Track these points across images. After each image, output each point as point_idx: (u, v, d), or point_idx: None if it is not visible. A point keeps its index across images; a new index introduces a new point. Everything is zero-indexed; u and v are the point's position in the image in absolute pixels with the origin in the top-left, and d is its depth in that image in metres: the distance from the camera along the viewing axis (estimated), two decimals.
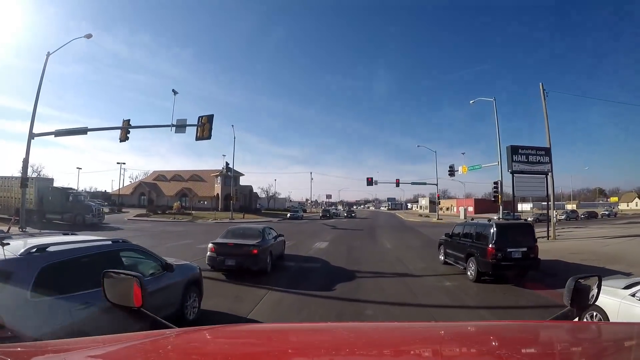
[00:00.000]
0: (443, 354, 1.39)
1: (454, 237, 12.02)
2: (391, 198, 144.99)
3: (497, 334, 1.71)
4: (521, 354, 1.30)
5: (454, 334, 1.69)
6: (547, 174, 22.00)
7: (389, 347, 1.43)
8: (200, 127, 18.54)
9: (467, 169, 32.55)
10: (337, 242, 19.16)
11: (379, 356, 1.37)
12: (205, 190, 66.92)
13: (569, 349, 1.49)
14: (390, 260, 13.49)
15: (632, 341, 1.45)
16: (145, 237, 21.34)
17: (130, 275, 1.83)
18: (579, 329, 1.86)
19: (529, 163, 21.37)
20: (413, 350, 1.46)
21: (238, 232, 11.21)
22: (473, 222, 11.41)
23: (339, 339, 1.57)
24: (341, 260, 13.19)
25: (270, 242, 11.22)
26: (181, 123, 18.96)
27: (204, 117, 18.64)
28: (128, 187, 74.25)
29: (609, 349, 1.43)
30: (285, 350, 1.44)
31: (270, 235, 11.55)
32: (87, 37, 23.22)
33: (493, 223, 10.24)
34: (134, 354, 1.29)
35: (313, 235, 23.68)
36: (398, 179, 53.88)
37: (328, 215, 56.73)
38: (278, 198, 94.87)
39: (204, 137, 18.40)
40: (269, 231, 11.73)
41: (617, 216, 61.63)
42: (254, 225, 12.10)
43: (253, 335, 1.73)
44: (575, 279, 1.77)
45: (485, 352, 1.40)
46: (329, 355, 1.36)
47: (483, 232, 10.42)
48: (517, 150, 21.18)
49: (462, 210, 58.74)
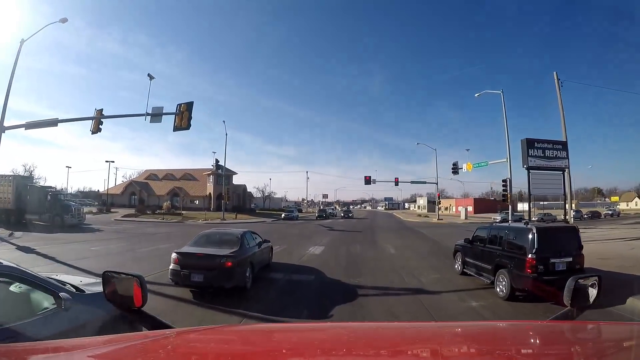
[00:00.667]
0: (443, 354, 1.39)
1: (476, 243, 9.94)
2: (388, 198, 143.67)
3: (497, 334, 1.75)
4: (521, 354, 1.34)
5: (454, 334, 1.71)
6: (564, 170, 20.04)
7: (389, 347, 1.43)
8: (178, 116, 16.34)
9: (472, 166, 30.53)
10: (334, 247, 16.99)
11: (379, 356, 1.36)
12: (197, 189, 64.83)
13: (569, 349, 1.49)
14: (397, 269, 11.36)
15: (632, 341, 1.37)
16: (122, 239, 19.42)
17: (130, 275, 1.80)
18: (579, 329, 1.80)
19: (545, 158, 19.38)
20: (413, 350, 1.43)
21: (212, 238, 9.03)
22: (503, 225, 9.26)
23: (339, 339, 1.59)
24: (339, 270, 11.07)
25: (252, 250, 9.08)
26: (157, 111, 16.73)
27: (182, 104, 16.45)
28: (118, 186, 72.25)
29: (609, 349, 1.42)
30: (285, 350, 1.43)
31: (252, 242, 9.40)
32: (62, 21, 20.92)
33: (532, 227, 8.13)
34: (134, 354, 1.28)
35: (307, 238, 21.49)
36: (397, 178, 51.87)
37: (324, 215, 54.00)
38: (274, 198, 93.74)
39: (182, 127, 16.20)
40: (250, 237, 9.58)
41: (620, 216, 60.60)
42: (233, 230, 9.88)
43: (253, 335, 1.73)
44: (575, 279, 1.78)
45: (485, 352, 1.40)
46: (329, 355, 1.36)
47: (517, 238, 8.34)
48: (533, 144, 19.16)
49: (462, 211, 56.71)
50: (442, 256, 14.02)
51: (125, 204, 59.63)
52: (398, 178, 51.85)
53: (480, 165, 29.42)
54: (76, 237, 19.59)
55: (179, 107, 16.45)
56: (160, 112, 16.73)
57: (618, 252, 14.45)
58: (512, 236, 8.56)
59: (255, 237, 10.00)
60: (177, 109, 16.38)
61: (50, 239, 17.98)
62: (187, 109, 16.21)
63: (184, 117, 16.13)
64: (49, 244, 15.75)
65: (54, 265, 10.89)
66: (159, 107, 16.84)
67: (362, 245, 17.81)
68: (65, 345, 1.49)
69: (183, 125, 16.13)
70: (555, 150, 19.78)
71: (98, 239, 19.77)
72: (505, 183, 25.58)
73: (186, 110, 16.21)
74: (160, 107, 16.85)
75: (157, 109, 16.82)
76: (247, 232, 9.57)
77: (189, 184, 67.41)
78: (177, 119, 16.36)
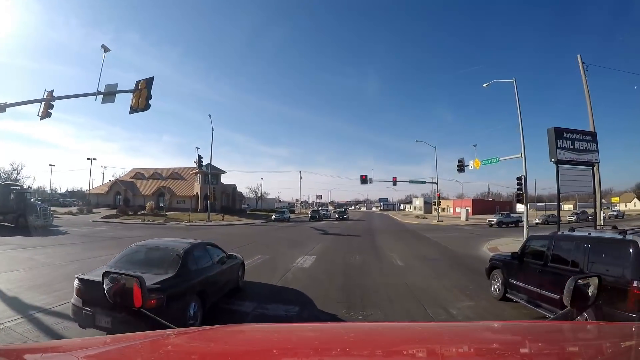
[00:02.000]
0: (443, 354, 1.37)
1: (528, 259, 7.02)
2: (383, 198, 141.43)
3: (497, 334, 1.75)
4: (521, 354, 1.30)
5: (454, 334, 1.69)
6: (594, 165, 17.26)
7: (389, 348, 1.42)
8: (135, 95, 13.21)
9: (480, 163, 27.69)
10: (328, 257, 13.89)
11: (379, 356, 1.35)
12: (184, 189, 61.46)
13: (568, 349, 1.49)
14: (413, 292, 8.33)
15: (632, 341, 1.43)
16: (80, 245, 16.49)
17: (130, 276, 1.85)
18: (579, 329, 1.85)
19: (575, 150, 16.57)
20: (413, 351, 1.43)
21: (139, 257, 5.93)
22: (578, 234, 6.24)
23: (339, 339, 1.57)
24: (334, 294, 8.07)
25: (202, 274, 6.01)
26: (110, 90, 13.61)
27: (141, 80, 13.31)
28: (103, 186, 69.34)
29: (609, 349, 1.41)
30: (285, 350, 1.41)
31: (204, 261, 6.33)
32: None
33: (634, 238, 5.21)
34: (134, 354, 1.28)
35: (297, 244, 18.38)
36: (395, 177, 49.12)
37: (318, 216, 50.38)
38: (267, 198, 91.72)
39: (140, 108, 13.07)
40: (203, 253, 6.50)
41: (624, 217, 58.52)
42: (176, 243, 6.55)
43: (253, 335, 1.71)
44: (575, 279, 1.77)
45: (485, 352, 1.40)
46: (329, 355, 1.35)
47: (608, 255, 5.44)
48: (562, 134, 16.32)
49: (463, 212, 53.97)
50: (466, 270, 11.11)
51: (110, 204, 56.57)
52: (396, 177, 49.17)
53: (490, 162, 26.59)
54: (30, 242, 16.74)
55: (137, 85, 13.34)
56: (114, 91, 13.61)
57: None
58: (597, 252, 5.62)
59: (213, 253, 6.95)
60: (136, 87, 13.27)
61: None
62: (147, 86, 13.09)
63: (142, 96, 13.02)
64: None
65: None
66: (112, 84, 13.71)
67: (362, 254, 14.70)
68: (65, 345, 1.47)
69: (141, 106, 13.00)
70: (584, 142, 16.99)
71: (54, 244, 16.83)
72: (520, 181, 22.76)
73: (145, 87, 13.10)
74: (114, 84, 13.74)
75: (111, 87, 13.70)
76: (197, 245, 6.46)
77: (177, 183, 64.05)
78: (134, 99, 13.23)
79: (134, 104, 13.20)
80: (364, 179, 44.93)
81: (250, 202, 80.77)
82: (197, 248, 6.29)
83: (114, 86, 13.73)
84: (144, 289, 1.73)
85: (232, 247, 16.11)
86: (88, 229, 25.52)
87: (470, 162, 28.90)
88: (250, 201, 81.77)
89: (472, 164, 28.51)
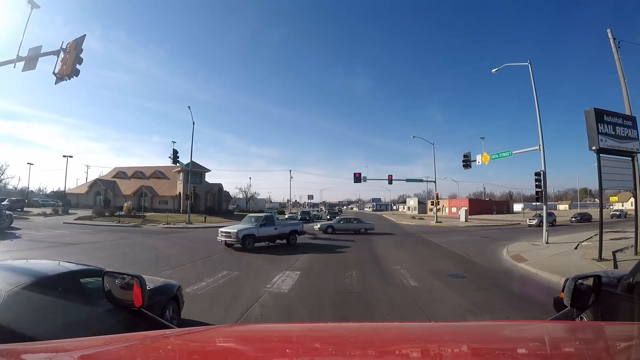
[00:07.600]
0: (443, 354, 1.36)
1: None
2: (376, 199, 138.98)
3: (496, 334, 1.70)
4: (521, 354, 1.27)
5: (454, 334, 1.66)
6: (634, 155, 14.42)
7: (389, 347, 1.41)
8: (62, 59, 9.96)
9: (489, 157, 24.86)
10: (316, 275, 10.55)
11: (379, 356, 1.32)
12: (167, 188, 57.97)
13: (569, 349, 1.45)
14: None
15: (632, 341, 1.37)
16: (12, 252, 13.48)
17: (130, 276, 1.81)
18: (579, 329, 1.78)
19: (616, 137, 13.67)
20: (413, 351, 1.41)
21: None
22: None
23: (338, 339, 1.54)
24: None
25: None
26: (33, 54, 10.32)
27: (71, 42, 10.07)
28: (83, 185, 65.51)
29: (609, 349, 1.39)
30: (285, 350, 1.40)
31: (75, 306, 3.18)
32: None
33: None
34: (134, 354, 1.26)
35: (278, 252, 15.18)
36: (391, 175, 46.36)
37: (308, 218, 45.56)
38: (257, 199, 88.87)
39: (67, 75, 9.84)
40: (73, 285, 3.34)
41: (627, 217, 56.67)
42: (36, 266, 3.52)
43: (253, 335, 1.70)
44: (575, 279, 1.74)
45: (485, 352, 1.37)
46: (328, 355, 1.32)
47: None
48: (602, 117, 13.39)
49: (462, 212, 51.18)
50: (510, 297, 8.00)
51: (91, 205, 52.80)
52: (392, 175, 46.35)
53: (501, 156, 23.76)
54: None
55: (66, 47, 10.07)
56: (37, 54, 10.33)
57: None
58: None
59: (88, 284, 3.78)
60: (61, 47, 9.98)
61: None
62: (75, 48, 9.83)
63: (69, 60, 9.76)
64: None
65: None
66: (36, 47, 10.42)
67: (360, 269, 11.39)
68: (65, 346, 1.43)
69: (66, 72, 9.76)
70: (625, 128, 14.13)
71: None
72: (539, 177, 19.98)
73: (74, 49, 9.84)
74: (37, 47, 10.44)
75: (34, 50, 10.41)
76: (47, 280, 3.29)
77: (159, 182, 60.52)
78: (60, 64, 9.98)
79: (59, 70, 9.95)
80: (358, 177, 42.09)
81: (240, 203, 78.06)
82: (39, 289, 3.10)
83: (37, 49, 10.44)
84: (144, 289, 1.71)
85: (194, 258, 12.84)
86: (49, 233, 22.59)
87: (477, 157, 26.04)
88: (241, 202, 79.03)
89: (480, 158, 25.67)
